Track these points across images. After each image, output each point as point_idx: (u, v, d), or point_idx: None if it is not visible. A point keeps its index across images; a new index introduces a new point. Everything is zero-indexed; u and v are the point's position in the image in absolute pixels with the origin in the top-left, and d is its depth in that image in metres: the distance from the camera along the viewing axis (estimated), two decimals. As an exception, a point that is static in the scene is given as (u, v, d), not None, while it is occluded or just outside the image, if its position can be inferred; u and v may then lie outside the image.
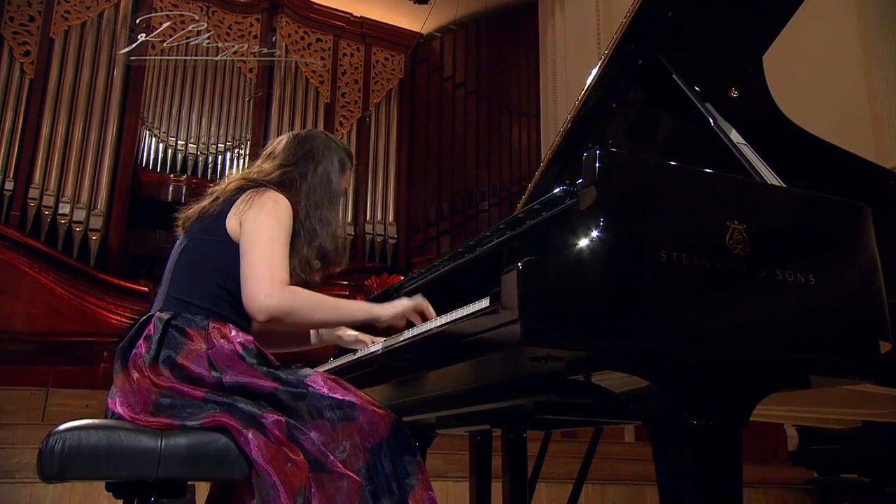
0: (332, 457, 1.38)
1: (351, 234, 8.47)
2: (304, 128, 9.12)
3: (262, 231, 1.54)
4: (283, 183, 1.67)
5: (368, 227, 8.53)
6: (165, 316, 1.53)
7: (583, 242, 1.23)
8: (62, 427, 1.27)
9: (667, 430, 1.23)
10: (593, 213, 1.25)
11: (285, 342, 1.99)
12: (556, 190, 1.38)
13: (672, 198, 1.33)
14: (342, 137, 8.76)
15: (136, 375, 1.46)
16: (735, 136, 1.78)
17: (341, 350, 2.21)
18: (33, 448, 4.75)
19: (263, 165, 1.73)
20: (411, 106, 9.07)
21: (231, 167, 8.27)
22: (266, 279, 1.49)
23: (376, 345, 1.74)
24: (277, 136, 6.68)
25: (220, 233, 1.59)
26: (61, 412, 5.61)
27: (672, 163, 1.37)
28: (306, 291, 1.56)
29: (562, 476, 4.91)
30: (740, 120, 1.90)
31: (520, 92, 8.88)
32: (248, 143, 8.34)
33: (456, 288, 1.74)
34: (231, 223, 1.59)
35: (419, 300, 1.64)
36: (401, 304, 1.64)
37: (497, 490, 2.07)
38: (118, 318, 7.41)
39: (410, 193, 8.84)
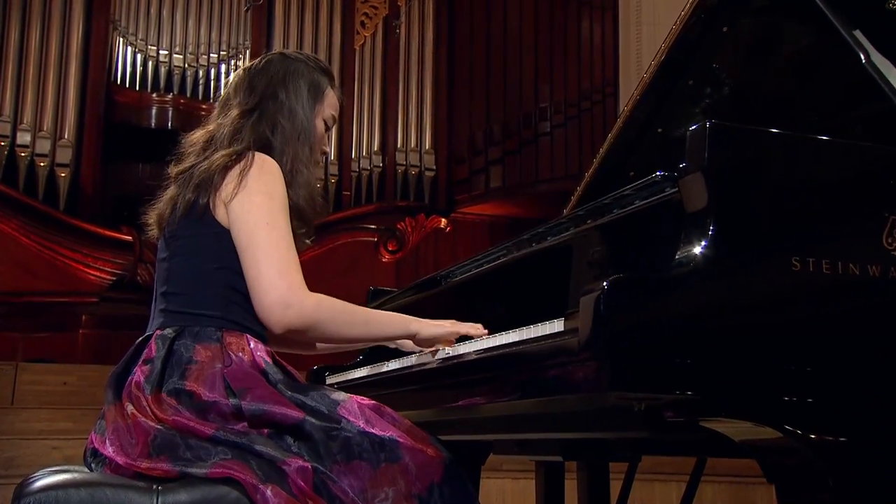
0: (368, 511, 1.39)
1: (379, 166, 8.46)
2: (315, 31, 8.99)
3: (258, 217, 1.56)
4: (255, 142, 1.67)
5: (400, 157, 8.48)
6: (169, 333, 1.55)
7: (688, 249, 1.21)
8: (36, 485, 1.30)
9: (804, 493, 1.21)
10: (700, 209, 1.24)
11: (286, 343, 1.99)
12: (656, 174, 1.34)
13: (808, 183, 1.31)
14: (363, 42, 8.67)
15: (130, 409, 1.48)
16: (896, 79, 1.68)
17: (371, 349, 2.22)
18: (6, 439, 4.96)
19: (223, 122, 1.72)
20: (451, -2, 8.91)
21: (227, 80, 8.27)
22: (280, 286, 1.53)
23: (412, 358, 1.75)
24: (283, 42, 6.58)
25: (212, 224, 1.60)
26: (35, 391, 5.82)
27: (809, 136, 1.31)
28: (331, 301, 1.60)
29: (643, 469, 4.94)
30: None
31: (591, -24, 8.62)
32: (248, 52, 8.29)
33: (518, 288, 1.72)
34: (220, 212, 1.60)
35: (471, 329, 1.65)
36: (447, 329, 1.66)
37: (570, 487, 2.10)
38: (97, 273, 7.59)
39: (452, 113, 8.73)
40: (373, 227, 8.30)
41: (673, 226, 1.27)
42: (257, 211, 1.56)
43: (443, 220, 8.45)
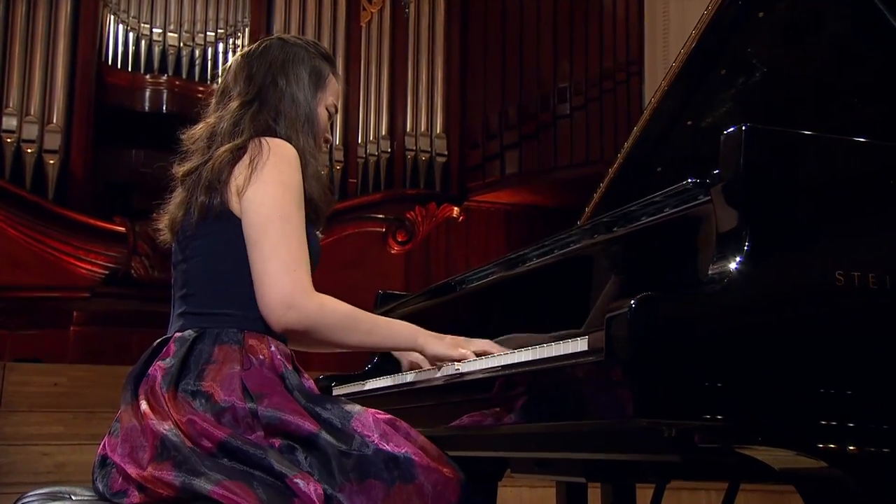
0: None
1: (387, 152, 8.46)
2: (318, 8, 8.96)
3: (270, 210, 1.60)
4: (256, 133, 1.69)
5: (409, 142, 8.49)
6: (189, 335, 1.59)
7: (722, 264, 1.20)
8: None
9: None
10: (735, 220, 1.22)
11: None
12: (688, 181, 1.33)
13: (853, 191, 1.29)
14: (370, 19, 8.64)
15: (144, 406, 1.52)
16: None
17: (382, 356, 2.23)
18: (-7, 446, 4.99)
19: (223, 114, 1.74)
20: (463, -29, 8.87)
21: (226, 63, 8.25)
22: (285, 285, 1.56)
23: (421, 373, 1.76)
24: (285, 19, 6.56)
25: (230, 219, 1.63)
26: (24, 393, 5.85)
27: (853, 139, 1.30)
28: (337, 305, 1.63)
29: (671, 477, 4.96)
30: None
31: (613, -53, 8.56)
32: (247, 30, 8.29)
33: (537, 298, 1.71)
34: (234, 204, 1.63)
35: (485, 346, 1.65)
36: (458, 352, 1.65)
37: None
38: (89, 267, 7.62)
39: (465, 95, 8.74)
40: (381, 216, 8.30)
41: (705, 237, 1.26)
42: (271, 202, 1.59)
43: (455, 208, 8.45)
